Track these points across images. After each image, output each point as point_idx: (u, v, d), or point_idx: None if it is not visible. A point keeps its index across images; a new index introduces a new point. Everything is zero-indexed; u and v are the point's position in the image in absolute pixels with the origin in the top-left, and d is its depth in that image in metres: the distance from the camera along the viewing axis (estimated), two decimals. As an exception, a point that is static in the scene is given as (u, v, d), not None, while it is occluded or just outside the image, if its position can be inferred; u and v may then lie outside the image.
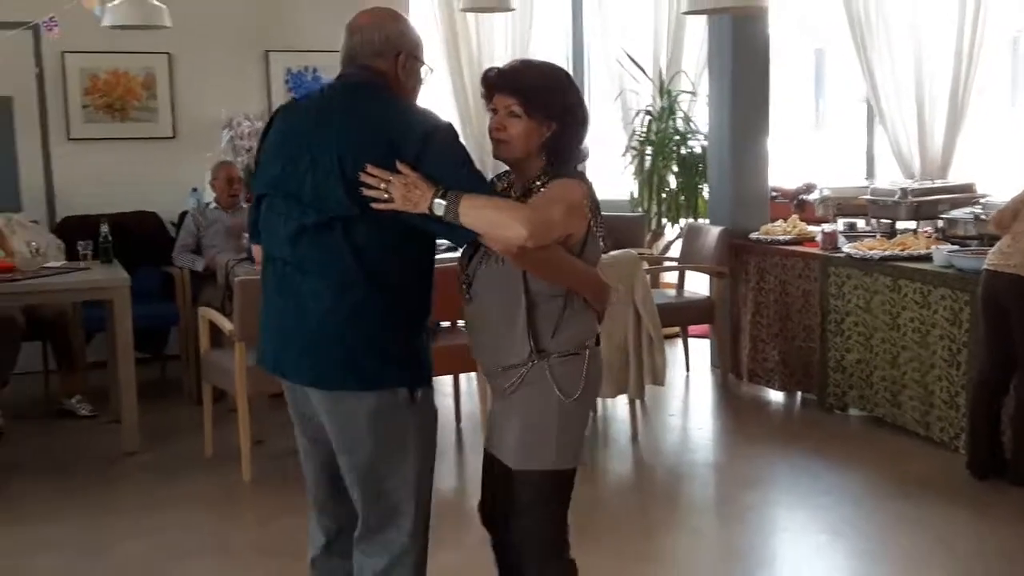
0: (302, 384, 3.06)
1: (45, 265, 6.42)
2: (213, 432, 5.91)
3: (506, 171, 3.19)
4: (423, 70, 3.15)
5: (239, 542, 4.87)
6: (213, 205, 7.29)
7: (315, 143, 2.94)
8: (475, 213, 2.79)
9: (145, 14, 6.68)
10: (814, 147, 12.00)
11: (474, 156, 3.08)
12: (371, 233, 2.91)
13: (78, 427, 6.54)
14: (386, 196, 2.81)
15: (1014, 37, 8.46)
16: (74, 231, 7.21)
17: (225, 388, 5.67)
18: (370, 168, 2.81)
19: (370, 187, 2.82)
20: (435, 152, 2.87)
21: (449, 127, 3.00)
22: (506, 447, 3.09)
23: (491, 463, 3.16)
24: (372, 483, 3.04)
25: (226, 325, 5.57)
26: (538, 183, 3.02)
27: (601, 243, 3.12)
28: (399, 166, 2.81)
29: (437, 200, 2.78)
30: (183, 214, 7.55)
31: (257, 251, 3.39)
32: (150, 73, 8.03)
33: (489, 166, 3.76)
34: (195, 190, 7.75)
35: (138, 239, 7.50)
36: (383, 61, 3.03)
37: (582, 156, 3.18)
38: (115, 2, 6.71)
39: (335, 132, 2.94)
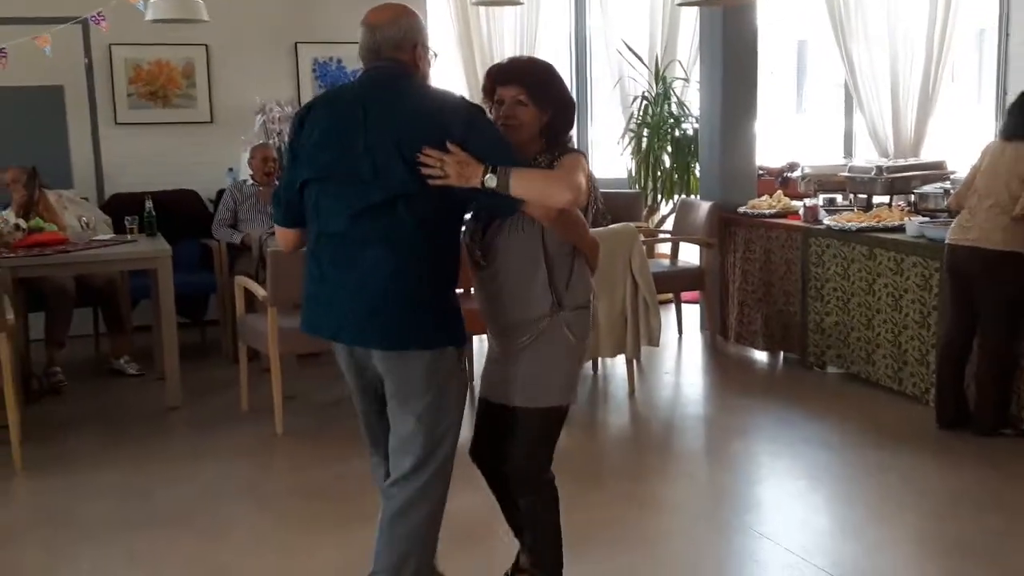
0: (366, 347, 3.14)
1: (94, 238, 6.45)
2: (248, 389, 5.96)
3: None
4: (428, 58, 3.22)
5: (273, 487, 4.91)
6: (250, 182, 7.30)
7: (370, 130, 3.03)
8: (526, 184, 2.96)
9: (185, 8, 6.67)
10: (797, 129, 11.96)
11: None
12: (428, 207, 3.02)
13: (126, 385, 6.58)
14: (441, 173, 2.93)
15: (981, 29, 8.43)
16: (121, 207, 7.22)
17: (259, 348, 5.69)
18: (426, 150, 2.93)
19: (427, 166, 2.93)
20: (479, 132, 3.01)
21: (482, 109, 3.15)
22: (516, 392, 3.24)
23: (487, 409, 3.35)
24: (418, 429, 3.16)
25: (260, 292, 5.60)
26: (539, 159, 3.16)
27: (599, 207, 3.33)
28: (450, 146, 2.93)
29: (489, 176, 2.92)
30: (220, 191, 7.56)
31: (281, 231, 3.40)
32: (189, 63, 8.03)
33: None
34: (231, 169, 7.78)
35: (179, 214, 7.51)
36: (403, 53, 3.12)
37: (569, 139, 3.34)
38: (157, -3, 6.74)
39: (388, 120, 3.04)
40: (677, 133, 8.56)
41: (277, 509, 4.62)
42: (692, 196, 7.88)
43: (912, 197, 6.18)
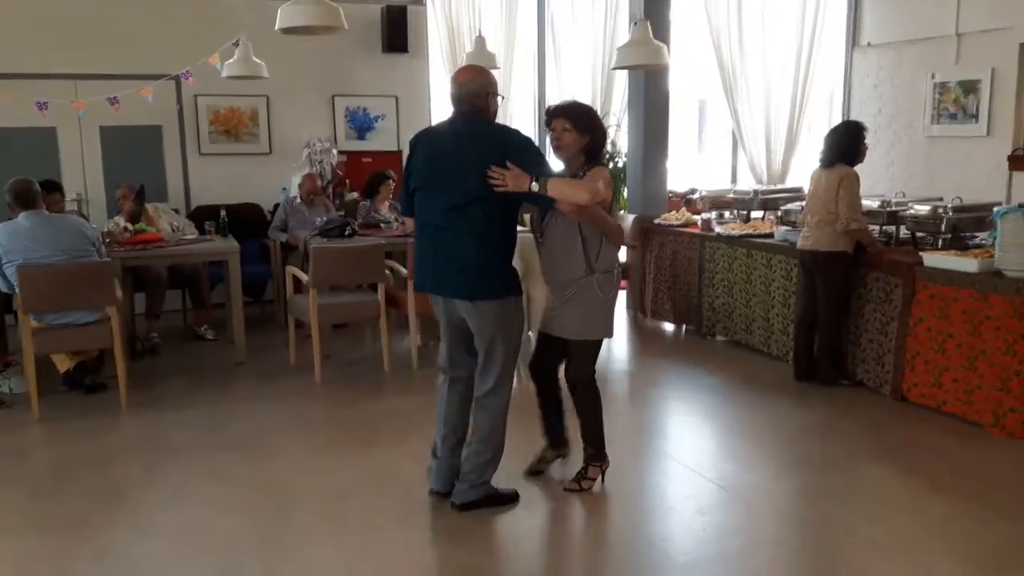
0: (457, 298, 3.46)
1: (182, 238, 6.42)
2: (295, 349, 5.93)
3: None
4: (495, 104, 3.49)
5: (314, 422, 4.90)
6: (298, 200, 7.27)
7: (460, 154, 3.37)
8: (557, 189, 3.30)
9: (251, 68, 6.65)
10: (697, 164, 11.97)
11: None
12: (494, 206, 3.34)
13: (206, 347, 6.54)
14: (503, 183, 3.27)
15: (830, 92, 8.50)
16: (203, 215, 7.16)
17: (303, 320, 5.67)
18: (494, 168, 3.27)
19: (493, 179, 3.27)
20: (528, 155, 3.33)
21: (529, 138, 3.47)
22: (568, 328, 3.62)
23: (546, 339, 3.72)
24: (490, 350, 3.49)
25: (304, 277, 5.58)
26: (581, 173, 3.50)
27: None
28: (509, 165, 3.27)
29: (534, 184, 3.27)
30: (276, 205, 7.51)
31: (409, 222, 3.89)
32: (254, 109, 7.96)
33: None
34: (284, 189, 7.72)
35: (245, 221, 7.45)
36: (479, 100, 3.41)
37: (604, 155, 3.77)
38: (231, 60, 6.69)
39: (468, 147, 3.37)
40: (611, 166, 8.55)
41: (316, 437, 4.62)
42: (622, 211, 7.88)
43: (779, 212, 6.23)
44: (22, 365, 5.29)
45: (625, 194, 8.25)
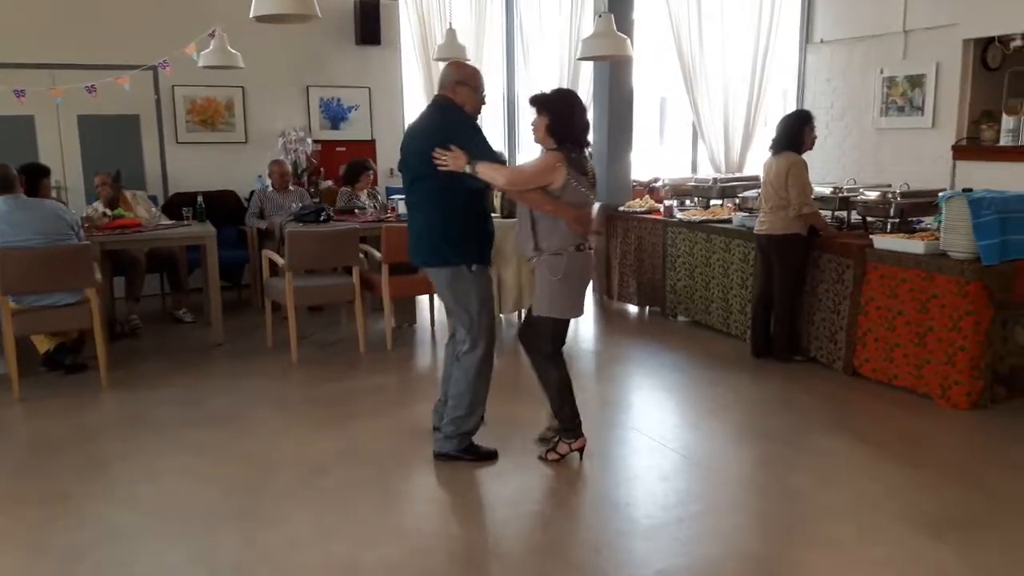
0: (420, 265, 3.75)
1: (159, 223, 6.31)
2: (272, 331, 5.87)
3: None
4: (468, 93, 3.62)
5: (291, 398, 4.85)
6: (270, 188, 7.17)
7: (414, 136, 3.65)
8: (483, 171, 3.43)
9: (226, 58, 6.55)
10: (658, 156, 12.01)
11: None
12: (438, 184, 3.53)
13: (183, 328, 6.45)
14: (446, 161, 3.44)
15: (784, 89, 8.55)
16: (180, 202, 7.04)
17: (280, 302, 5.60)
18: (437, 148, 3.45)
19: (437, 159, 3.45)
20: (467, 139, 3.49)
21: (472, 123, 3.63)
22: (533, 302, 3.70)
23: (529, 310, 3.78)
24: (456, 313, 3.70)
25: (280, 261, 5.50)
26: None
27: (585, 192, 3.53)
28: (452, 147, 3.43)
29: (467, 165, 3.42)
30: (251, 192, 7.41)
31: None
32: (230, 99, 7.85)
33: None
34: (260, 176, 7.61)
35: (222, 208, 7.34)
36: (444, 89, 3.64)
37: (585, 142, 3.62)
38: (207, 51, 6.57)
39: (421, 132, 3.63)
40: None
41: (293, 413, 4.57)
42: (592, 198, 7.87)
43: (737, 200, 6.25)
44: (2, 346, 5.18)
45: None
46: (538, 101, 3.54)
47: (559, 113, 3.50)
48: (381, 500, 3.46)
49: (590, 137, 3.68)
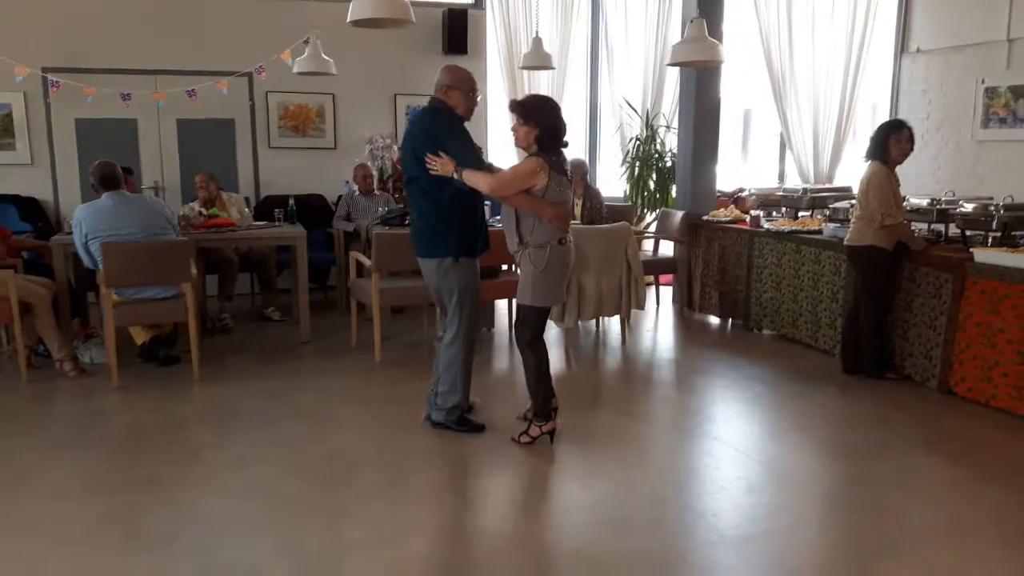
0: (417, 256, 4.03)
1: (252, 223, 6.48)
2: (356, 331, 5.96)
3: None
4: (460, 96, 3.87)
5: (373, 396, 4.90)
6: (357, 192, 7.30)
7: (408, 137, 3.94)
8: (468, 178, 3.70)
9: (320, 65, 6.71)
10: (741, 169, 11.82)
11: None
12: (427, 184, 3.83)
13: (272, 327, 6.60)
14: (435, 167, 3.73)
15: (874, 104, 8.32)
16: (272, 204, 7.25)
17: (365, 302, 5.67)
18: (428, 154, 3.75)
19: (428, 162, 3.74)
20: (454, 145, 3.76)
21: (461, 131, 3.83)
22: (518, 292, 3.92)
23: (517, 301, 3.98)
24: (441, 302, 4.06)
25: (367, 262, 5.58)
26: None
27: (565, 192, 3.78)
28: (441, 153, 3.74)
29: (455, 171, 3.70)
30: (339, 196, 7.56)
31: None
32: (321, 106, 8.02)
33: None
34: (347, 182, 7.76)
35: (311, 211, 7.52)
36: (438, 92, 3.90)
37: (563, 144, 3.79)
38: (302, 57, 6.74)
39: (413, 134, 3.91)
40: (660, 165, 8.45)
41: (376, 411, 4.61)
42: (670, 208, 7.78)
43: (827, 211, 6.08)
44: (102, 337, 5.39)
45: (672, 192, 8.18)
46: (525, 112, 3.72)
47: (548, 125, 3.71)
48: (461, 500, 3.46)
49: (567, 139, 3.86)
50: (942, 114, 7.32)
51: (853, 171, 7.95)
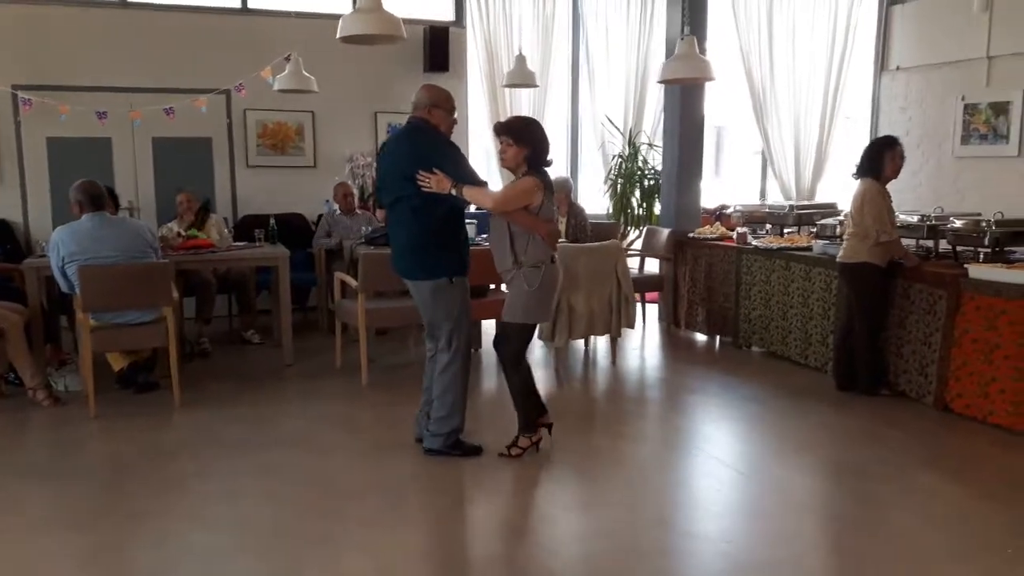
0: (403, 277, 3.96)
1: (232, 244, 6.33)
2: (341, 352, 5.82)
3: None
4: (442, 115, 3.86)
5: (362, 420, 4.76)
6: (337, 211, 7.18)
7: (394, 159, 3.83)
8: (469, 194, 3.67)
9: (301, 82, 6.62)
10: (714, 186, 11.89)
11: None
12: (418, 203, 3.75)
13: (253, 350, 6.45)
14: (430, 184, 3.66)
15: (846, 117, 8.37)
16: (250, 224, 7.10)
17: (351, 324, 5.54)
18: (421, 172, 3.67)
19: (420, 181, 3.67)
20: (453, 162, 3.72)
21: (455, 147, 3.81)
22: (505, 310, 3.89)
23: (500, 320, 3.98)
24: (433, 324, 3.97)
25: (353, 283, 5.45)
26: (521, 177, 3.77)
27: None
28: (435, 170, 3.66)
29: (452, 188, 3.64)
30: (320, 216, 7.44)
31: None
32: (300, 124, 7.90)
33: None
34: (327, 201, 7.63)
35: (291, 230, 7.37)
36: (420, 111, 3.84)
37: (548, 163, 3.82)
38: (282, 74, 6.64)
39: (399, 153, 3.83)
40: (643, 183, 8.42)
41: (366, 436, 4.47)
42: (654, 225, 7.75)
43: (815, 227, 6.06)
44: (76, 363, 5.22)
45: (656, 210, 8.16)
46: (513, 133, 3.75)
47: (535, 146, 3.75)
48: (462, 527, 3.35)
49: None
50: (922, 131, 7.38)
51: (834, 188, 8.01)
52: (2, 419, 4.76)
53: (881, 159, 4.82)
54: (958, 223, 5.02)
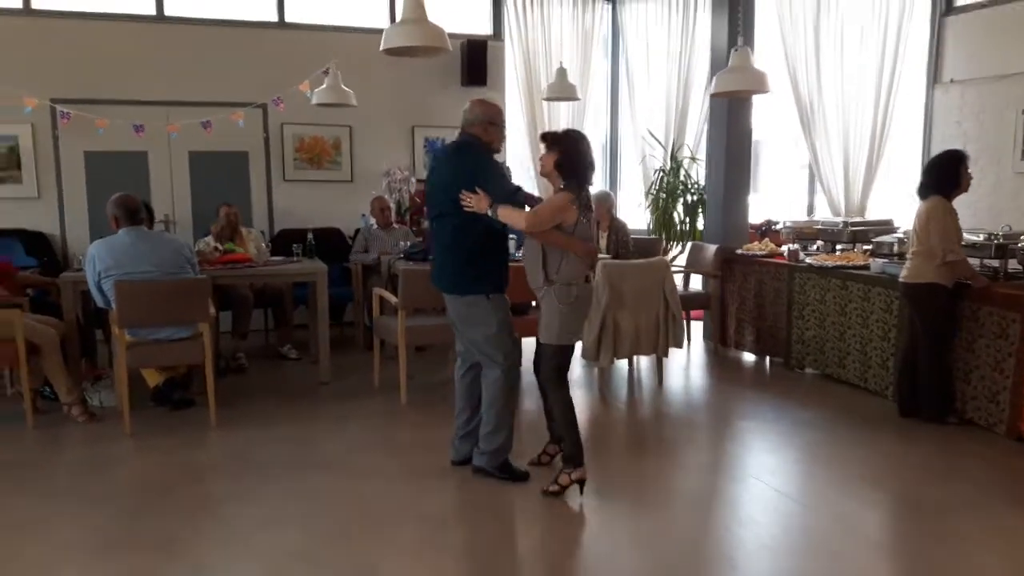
0: (442, 292, 3.87)
1: (269, 259, 6.20)
2: (380, 370, 5.65)
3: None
4: (496, 131, 3.78)
5: (402, 442, 4.56)
6: (375, 226, 7.03)
7: (440, 175, 3.79)
8: (504, 214, 3.56)
9: (340, 96, 6.50)
10: (757, 200, 11.63)
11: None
12: (460, 220, 3.68)
13: (289, 366, 6.31)
14: (471, 204, 3.60)
15: (909, 128, 8.05)
16: (287, 238, 6.98)
17: (391, 341, 5.36)
18: (464, 191, 3.60)
19: (464, 199, 3.60)
20: (489, 183, 3.63)
21: (496, 167, 3.77)
22: (540, 332, 3.73)
23: (539, 343, 3.77)
24: (471, 340, 3.85)
25: (392, 299, 5.28)
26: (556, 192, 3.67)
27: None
28: (478, 190, 3.59)
29: (490, 208, 3.56)
30: (357, 230, 7.30)
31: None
32: (337, 139, 7.79)
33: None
34: (364, 215, 7.50)
35: (328, 245, 7.22)
36: (473, 128, 3.75)
37: (587, 179, 3.66)
38: (321, 88, 6.52)
39: (446, 170, 3.76)
40: (685, 198, 8.19)
41: (407, 459, 4.27)
42: (699, 241, 7.51)
43: (870, 245, 5.79)
44: (111, 378, 5.09)
45: (699, 225, 7.92)
46: (548, 137, 3.68)
47: (568, 151, 3.61)
48: (511, 561, 3.14)
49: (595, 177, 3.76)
50: (979, 145, 7.07)
51: (886, 203, 7.71)
52: (36, 435, 4.65)
53: (955, 174, 4.57)
54: (1030, 241, 4.74)
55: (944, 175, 4.59)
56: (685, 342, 6.15)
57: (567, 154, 3.61)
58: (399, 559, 3.12)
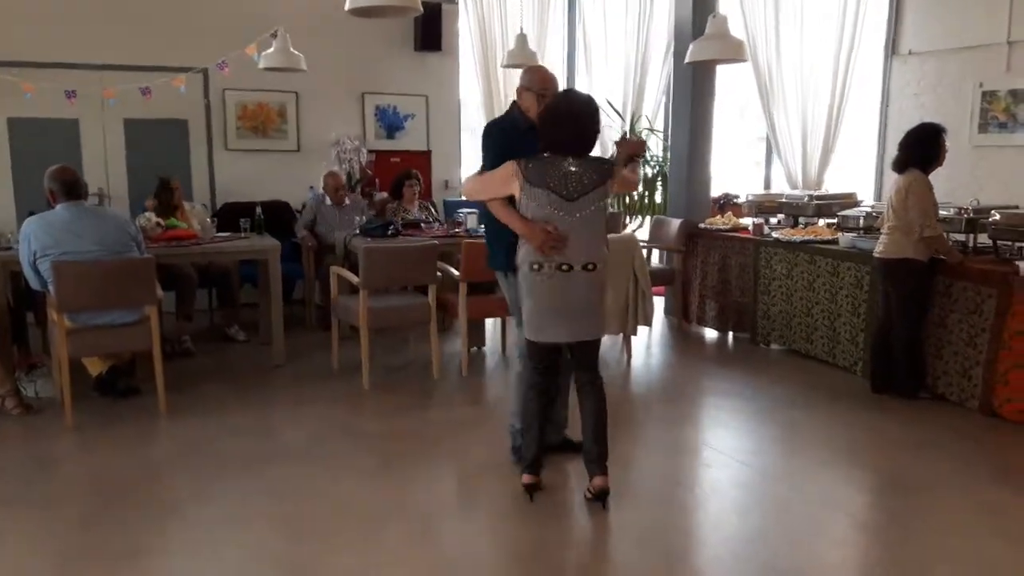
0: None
1: (215, 235, 5.89)
2: (338, 352, 5.43)
3: None
4: (531, 98, 3.48)
5: (369, 430, 4.34)
6: (328, 202, 6.73)
7: None
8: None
9: (289, 60, 6.18)
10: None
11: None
12: None
13: (238, 348, 6.03)
14: None
15: (867, 101, 8.08)
16: (231, 213, 6.66)
17: (351, 323, 5.14)
18: None
19: None
20: (482, 152, 3.51)
21: (491, 135, 3.53)
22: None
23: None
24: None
25: (353, 279, 5.05)
26: None
27: (547, 210, 3.14)
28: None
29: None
30: (304, 204, 7.00)
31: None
32: (283, 105, 7.46)
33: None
34: (312, 187, 7.21)
35: (275, 219, 6.90)
36: (517, 94, 3.56)
37: (554, 146, 3.18)
38: (268, 51, 6.19)
39: None
40: (645, 170, 8.08)
41: (375, 448, 4.07)
42: (660, 216, 7.42)
43: (837, 218, 5.78)
44: (47, 367, 4.77)
45: (657, 199, 7.84)
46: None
47: (541, 114, 3.27)
48: (504, 558, 3.00)
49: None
50: (936, 118, 7.00)
51: (841, 177, 7.74)
52: (-33, 431, 4.31)
53: (935, 148, 4.55)
54: (996, 215, 4.77)
55: (924, 149, 4.57)
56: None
57: (540, 116, 3.27)
58: (392, 557, 2.94)
